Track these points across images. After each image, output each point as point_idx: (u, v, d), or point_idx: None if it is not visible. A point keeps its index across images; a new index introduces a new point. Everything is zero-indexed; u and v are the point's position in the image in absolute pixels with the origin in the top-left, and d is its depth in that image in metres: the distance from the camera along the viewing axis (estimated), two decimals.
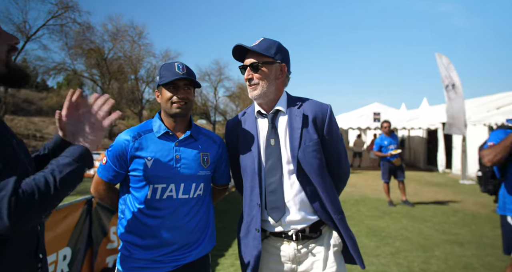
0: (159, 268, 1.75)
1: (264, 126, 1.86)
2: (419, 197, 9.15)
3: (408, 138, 19.98)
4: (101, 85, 32.89)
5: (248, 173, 1.83)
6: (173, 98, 1.79)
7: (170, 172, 1.76)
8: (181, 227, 1.77)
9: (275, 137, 1.80)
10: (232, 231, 5.65)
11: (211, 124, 43.67)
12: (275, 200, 1.76)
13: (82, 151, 1.22)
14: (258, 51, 1.77)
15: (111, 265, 3.67)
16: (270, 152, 1.79)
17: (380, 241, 5.31)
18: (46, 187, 1.06)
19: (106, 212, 3.69)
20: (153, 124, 1.85)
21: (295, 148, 1.75)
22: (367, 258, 4.48)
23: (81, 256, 3.19)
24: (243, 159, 1.85)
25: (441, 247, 5.01)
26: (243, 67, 1.85)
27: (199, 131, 1.94)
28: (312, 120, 1.80)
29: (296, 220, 1.76)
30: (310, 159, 1.75)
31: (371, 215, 7.15)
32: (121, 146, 1.76)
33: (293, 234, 1.76)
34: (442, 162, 15.58)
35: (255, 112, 1.90)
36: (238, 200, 8.56)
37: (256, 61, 1.79)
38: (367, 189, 10.75)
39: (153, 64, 34.96)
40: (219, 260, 4.41)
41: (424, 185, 11.53)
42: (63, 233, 2.92)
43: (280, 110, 1.84)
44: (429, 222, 6.52)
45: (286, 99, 1.88)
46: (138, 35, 33.37)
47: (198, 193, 1.84)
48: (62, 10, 27.23)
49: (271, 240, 1.83)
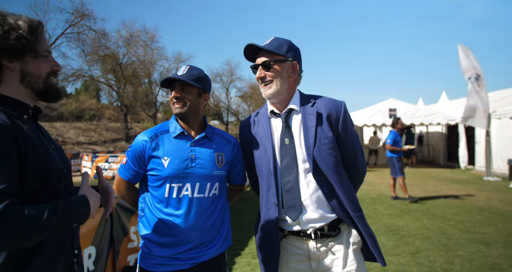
0: (177, 265, 1.79)
1: (278, 126, 1.86)
2: (439, 195, 8.93)
3: (426, 134, 19.54)
4: (117, 89, 33.52)
5: (263, 173, 1.83)
6: (172, 98, 1.87)
7: (186, 172, 1.80)
8: (197, 226, 1.81)
9: (289, 136, 1.81)
10: (248, 231, 5.66)
11: (224, 124, 43.86)
12: (291, 199, 1.76)
13: (86, 214, 1.27)
14: (270, 50, 1.78)
15: (132, 263, 3.75)
16: (285, 151, 1.79)
17: (399, 240, 5.20)
18: (36, 222, 1.05)
19: (126, 213, 3.77)
20: (169, 125, 1.91)
21: (310, 146, 1.75)
22: (386, 258, 4.39)
23: (105, 255, 3.28)
24: (258, 159, 1.86)
25: (465, 247, 4.85)
26: (255, 66, 1.86)
27: (214, 132, 1.98)
28: (327, 118, 1.79)
29: (314, 218, 1.75)
30: (326, 157, 1.74)
31: (389, 213, 7.02)
32: (140, 147, 1.83)
33: (312, 233, 1.76)
34: (464, 158, 15.11)
35: (268, 112, 1.91)
36: (254, 200, 8.55)
37: (268, 60, 1.80)
38: (384, 187, 10.54)
39: (166, 67, 35.38)
40: (236, 259, 4.43)
41: (444, 182, 11.24)
42: (87, 233, 3.02)
43: (293, 109, 1.85)
44: (451, 220, 6.35)
45: (299, 97, 1.89)
46: (151, 39, 33.87)
47: (213, 193, 1.88)
48: (79, 18, 27.97)
49: (289, 239, 1.83)
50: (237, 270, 4.12)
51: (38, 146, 1.23)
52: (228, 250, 2.01)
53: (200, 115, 1.95)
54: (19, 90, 1.29)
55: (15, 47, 1.23)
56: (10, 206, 1.01)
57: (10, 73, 1.27)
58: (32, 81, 1.30)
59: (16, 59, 1.26)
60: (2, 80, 1.26)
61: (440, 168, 16.03)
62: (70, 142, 29.07)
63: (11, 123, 1.15)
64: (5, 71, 1.26)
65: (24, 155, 1.15)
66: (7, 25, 1.24)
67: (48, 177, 1.23)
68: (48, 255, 1.23)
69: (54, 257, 1.25)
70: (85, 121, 36.50)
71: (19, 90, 1.29)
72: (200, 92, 1.89)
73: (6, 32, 1.22)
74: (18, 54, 1.25)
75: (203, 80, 1.88)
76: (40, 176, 1.20)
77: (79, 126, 34.06)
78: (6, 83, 1.27)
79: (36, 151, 1.20)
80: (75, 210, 1.22)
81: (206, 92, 1.94)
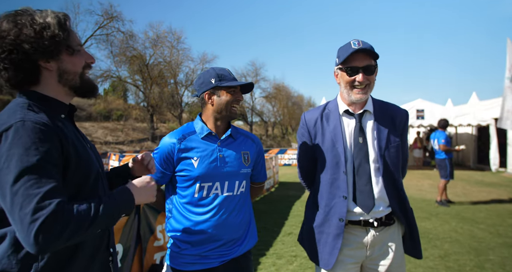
0: (206, 263, 1.83)
1: (350, 124, 1.93)
2: (468, 198, 8.63)
3: (455, 136, 18.85)
4: (143, 90, 34.36)
5: (328, 167, 1.90)
6: (234, 101, 1.90)
7: (215, 171, 1.84)
8: (227, 223, 1.85)
9: (363, 136, 1.89)
10: (272, 231, 5.68)
11: (248, 125, 44.05)
12: (366, 194, 1.86)
13: (131, 205, 1.28)
14: (374, 51, 1.81)
15: (159, 261, 3.85)
16: (359, 150, 1.88)
17: (427, 243, 5.06)
18: (84, 219, 1.07)
19: (152, 211, 3.87)
20: (195, 126, 1.94)
21: (382, 147, 1.87)
22: (414, 261, 4.27)
23: (131, 253, 3.37)
24: (325, 153, 1.92)
25: (496, 251, 4.68)
26: (352, 69, 1.83)
27: (237, 131, 2.03)
28: (396, 123, 1.93)
29: (378, 211, 1.88)
30: (394, 159, 1.88)
31: (416, 216, 6.71)
32: (167, 148, 1.86)
33: (374, 222, 1.87)
34: (495, 161, 14.44)
35: (338, 109, 1.96)
36: (277, 201, 8.67)
37: (373, 64, 1.84)
38: (411, 189, 10.29)
39: (191, 68, 35.89)
40: (260, 259, 4.46)
41: (474, 185, 10.83)
42: (115, 230, 3.06)
43: (367, 110, 1.93)
44: (481, 224, 6.12)
45: (372, 101, 1.97)
46: (177, 40, 34.44)
47: (241, 190, 1.92)
48: (108, 20, 28.89)
49: (349, 228, 1.91)
50: (261, 270, 4.15)
51: (79, 147, 1.22)
52: (252, 250, 2.04)
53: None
54: (57, 90, 1.27)
55: (50, 47, 1.19)
56: (62, 204, 1.02)
57: (48, 73, 1.24)
58: (69, 78, 1.28)
59: (52, 58, 1.22)
60: (41, 81, 1.24)
61: (469, 170, 15.44)
62: (98, 141, 29.99)
63: (53, 124, 1.15)
64: (43, 72, 1.23)
65: (66, 156, 1.14)
66: (37, 25, 1.18)
67: (87, 178, 1.24)
68: (86, 257, 1.24)
69: (91, 258, 1.26)
70: (113, 121, 37.58)
71: (57, 89, 1.27)
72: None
73: (39, 32, 1.17)
74: (55, 53, 1.22)
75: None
76: (80, 177, 1.20)
77: (107, 126, 35.13)
78: (45, 84, 1.25)
79: (77, 152, 1.19)
80: (119, 203, 1.21)
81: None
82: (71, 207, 1.05)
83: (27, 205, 0.99)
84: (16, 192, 1.00)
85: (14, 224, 1.01)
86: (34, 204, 0.99)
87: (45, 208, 0.99)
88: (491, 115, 14.21)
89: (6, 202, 1.02)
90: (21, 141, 1.04)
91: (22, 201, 0.99)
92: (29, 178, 1.01)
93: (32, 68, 1.21)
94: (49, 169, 1.06)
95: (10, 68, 1.17)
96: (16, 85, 1.22)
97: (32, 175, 1.02)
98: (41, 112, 1.17)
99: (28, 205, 0.99)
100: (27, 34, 1.16)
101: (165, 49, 34.21)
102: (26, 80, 1.22)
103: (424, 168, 16.33)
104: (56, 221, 1.00)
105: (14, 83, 1.22)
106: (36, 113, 1.14)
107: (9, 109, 1.17)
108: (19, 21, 1.17)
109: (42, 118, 1.13)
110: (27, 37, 1.16)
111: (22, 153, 1.03)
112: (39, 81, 1.24)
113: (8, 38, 1.15)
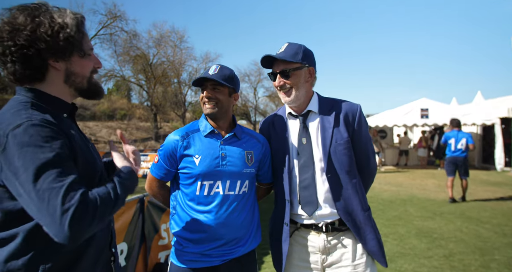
0: (208, 261, 1.84)
1: (295, 126, 1.95)
2: (473, 197, 8.56)
3: None
4: (147, 89, 34.49)
5: (277, 170, 1.95)
6: (203, 98, 1.89)
7: (217, 169, 1.84)
8: (228, 223, 1.84)
9: (307, 136, 1.90)
10: None
11: (251, 124, 44.06)
12: (308, 195, 1.85)
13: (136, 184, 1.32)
14: (287, 60, 1.82)
15: (163, 260, 3.86)
16: (302, 151, 1.88)
17: (431, 243, 5.04)
18: (108, 202, 1.10)
19: (157, 210, 3.88)
20: (199, 124, 1.95)
21: (327, 146, 1.84)
22: (418, 260, 4.27)
23: (136, 252, 3.38)
24: (275, 157, 1.98)
25: (502, 251, 4.65)
26: (273, 74, 1.92)
27: (243, 130, 2.02)
28: (343, 120, 1.88)
29: (326, 214, 1.85)
30: (341, 157, 1.84)
31: (420, 215, 6.81)
32: (171, 146, 1.88)
33: (323, 226, 1.85)
34: (500, 160, 14.38)
35: (285, 113, 1.99)
36: None
37: (286, 68, 1.85)
38: (415, 188, 10.24)
39: (195, 68, 36.07)
40: (265, 258, 4.46)
41: (479, 185, 10.74)
42: (119, 229, 3.11)
43: (311, 111, 1.93)
44: (487, 223, 6.09)
45: (317, 100, 1.96)
46: (180, 40, 34.59)
47: (243, 190, 1.91)
48: (111, 20, 29.03)
49: (301, 231, 1.92)
50: (266, 269, 4.15)
51: (83, 147, 1.22)
52: (257, 249, 2.04)
53: (230, 115, 1.98)
54: (62, 90, 1.26)
55: (64, 48, 1.18)
56: (86, 193, 1.04)
57: (55, 72, 1.23)
58: (77, 81, 1.27)
59: (63, 59, 1.21)
60: (46, 79, 1.22)
61: (474, 169, 15.32)
62: (102, 141, 30.17)
63: (58, 123, 1.14)
64: (50, 71, 1.22)
65: (74, 155, 1.14)
66: (56, 24, 1.16)
67: (91, 179, 1.23)
68: (91, 257, 1.24)
69: (95, 259, 1.27)
70: (117, 121, 37.79)
71: (62, 89, 1.26)
72: (231, 92, 1.92)
73: (56, 32, 1.16)
74: (67, 54, 1.20)
75: (233, 79, 1.91)
76: (85, 178, 1.17)
77: (110, 125, 35.32)
78: (50, 83, 1.23)
79: (83, 152, 1.19)
80: (129, 184, 1.24)
81: (236, 92, 1.97)
82: (94, 194, 1.07)
83: (55, 198, 0.99)
84: (40, 188, 1.00)
85: (42, 219, 1.01)
86: (61, 196, 0.99)
87: (72, 199, 1.00)
88: (496, 114, 14.11)
89: (32, 199, 1.01)
90: (33, 139, 1.04)
91: (48, 195, 0.99)
92: (50, 173, 1.02)
93: (41, 66, 1.19)
94: (66, 162, 1.07)
95: (18, 62, 1.15)
96: (20, 79, 1.20)
97: (53, 169, 1.02)
98: (44, 111, 1.16)
99: (55, 198, 0.99)
100: (44, 32, 1.14)
101: (169, 49, 34.37)
102: (32, 76, 1.20)
103: (428, 168, 16.23)
104: (86, 209, 1.02)
105: (19, 78, 1.19)
106: (40, 112, 1.14)
107: (10, 107, 1.15)
108: (37, 18, 1.15)
109: (47, 117, 1.12)
110: (42, 35, 1.14)
111: (36, 150, 1.03)
112: (44, 79, 1.22)
113: (23, 33, 1.13)
